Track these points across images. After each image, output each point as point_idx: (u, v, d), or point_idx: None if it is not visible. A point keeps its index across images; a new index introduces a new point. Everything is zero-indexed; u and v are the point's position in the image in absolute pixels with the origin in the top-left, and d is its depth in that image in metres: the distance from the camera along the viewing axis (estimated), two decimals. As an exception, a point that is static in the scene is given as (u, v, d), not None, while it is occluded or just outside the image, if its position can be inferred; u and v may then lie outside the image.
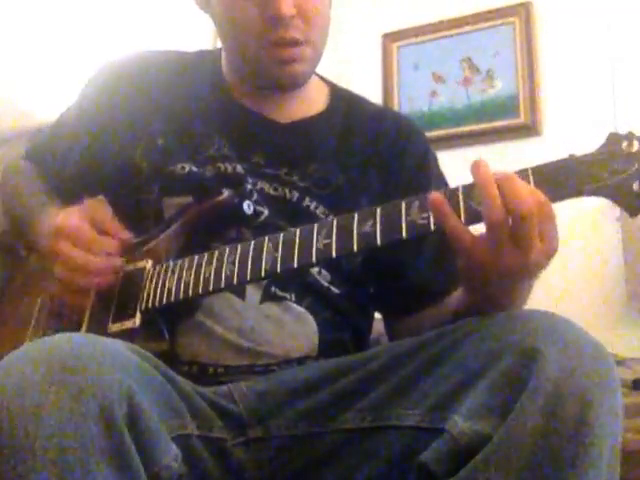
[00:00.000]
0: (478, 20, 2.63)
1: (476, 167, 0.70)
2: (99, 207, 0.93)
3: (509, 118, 2.52)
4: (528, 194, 0.67)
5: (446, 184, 1.02)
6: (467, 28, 2.65)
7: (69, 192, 1.08)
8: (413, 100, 2.70)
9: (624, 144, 0.67)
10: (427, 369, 0.74)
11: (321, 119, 1.02)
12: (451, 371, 0.71)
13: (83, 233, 0.88)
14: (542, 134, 2.45)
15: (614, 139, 0.68)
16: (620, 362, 1.72)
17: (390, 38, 2.78)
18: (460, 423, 0.67)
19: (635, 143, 0.66)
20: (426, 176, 1.02)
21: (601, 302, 2.27)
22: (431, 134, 2.49)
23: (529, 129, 2.46)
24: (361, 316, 0.99)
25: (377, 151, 1.01)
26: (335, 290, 0.94)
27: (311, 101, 1.03)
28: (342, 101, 1.06)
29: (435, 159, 1.07)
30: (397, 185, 0.97)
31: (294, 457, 0.80)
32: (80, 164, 1.04)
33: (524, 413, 0.63)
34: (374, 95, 2.72)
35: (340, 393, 0.79)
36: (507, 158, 2.34)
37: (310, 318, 0.91)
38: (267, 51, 0.91)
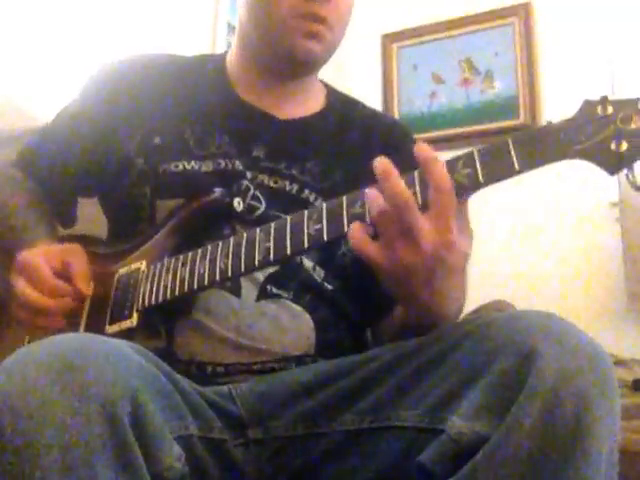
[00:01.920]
0: (477, 21, 2.64)
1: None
2: (72, 252, 0.93)
3: (508, 119, 2.53)
4: (404, 187, 0.70)
5: None
6: (466, 29, 2.66)
7: (63, 194, 1.08)
8: (413, 101, 2.70)
9: (599, 108, 0.69)
10: (426, 370, 0.74)
11: (318, 118, 1.05)
12: (450, 372, 0.71)
13: (39, 273, 0.88)
14: (542, 134, 2.45)
15: (589, 105, 0.70)
16: (620, 363, 1.72)
17: (390, 39, 2.78)
18: (459, 423, 0.67)
19: (609, 107, 0.68)
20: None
21: (601, 303, 2.28)
22: (430, 135, 2.50)
23: (529, 129, 2.47)
24: (357, 314, 1.00)
25: (371, 149, 1.02)
26: (329, 286, 0.95)
27: (309, 101, 1.06)
28: (338, 102, 1.09)
29: None
30: None
31: (294, 458, 0.80)
32: (78, 161, 1.04)
33: (522, 413, 0.62)
34: (374, 96, 2.73)
35: (340, 394, 0.79)
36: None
37: (307, 316, 0.92)
38: (295, 21, 0.94)
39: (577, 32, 2.45)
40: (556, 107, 2.45)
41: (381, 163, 0.72)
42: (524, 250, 2.41)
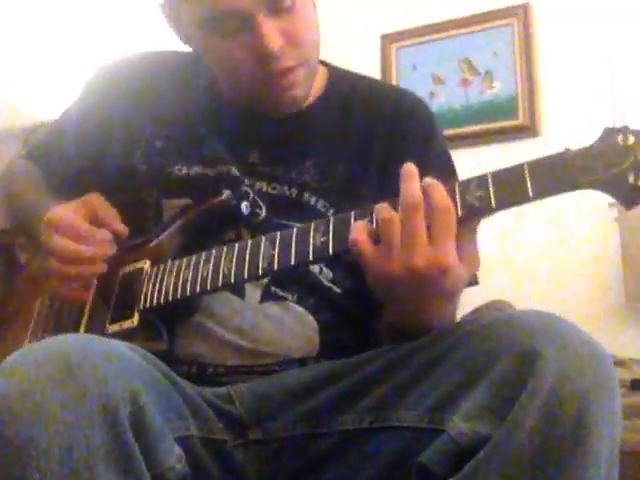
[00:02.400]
0: (477, 21, 2.64)
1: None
2: (95, 199, 0.93)
3: (508, 119, 2.53)
4: (418, 191, 0.70)
5: (449, 165, 1.01)
6: (466, 29, 2.66)
7: (70, 192, 1.08)
8: (412, 101, 2.69)
9: (619, 138, 0.67)
10: (427, 370, 0.74)
11: (318, 105, 1.00)
12: (451, 372, 0.71)
13: (73, 224, 0.88)
14: (541, 135, 2.45)
15: (609, 133, 0.68)
16: (618, 362, 1.72)
17: (389, 39, 2.78)
18: (459, 424, 0.67)
19: (630, 137, 0.66)
20: (427, 159, 0.95)
21: (599, 303, 2.28)
22: (430, 135, 2.50)
23: (528, 130, 2.47)
24: (363, 316, 0.99)
25: (377, 136, 0.99)
26: (337, 290, 0.94)
27: None
28: (341, 81, 1.04)
29: (438, 138, 1.03)
30: (397, 171, 0.95)
31: (293, 458, 0.80)
32: (80, 166, 1.04)
33: (523, 414, 0.63)
34: (373, 96, 2.73)
35: (340, 395, 0.79)
36: (506, 159, 2.34)
37: (310, 318, 0.91)
38: (263, 83, 0.90)
39: (576, 32, 2.45)
40: (555, 107, 2.45)
41: (409, 167, 0.73)
42: (523, 250, 2.41)
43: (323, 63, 1.05)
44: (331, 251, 0.77)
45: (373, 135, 0.99)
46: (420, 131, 1.01)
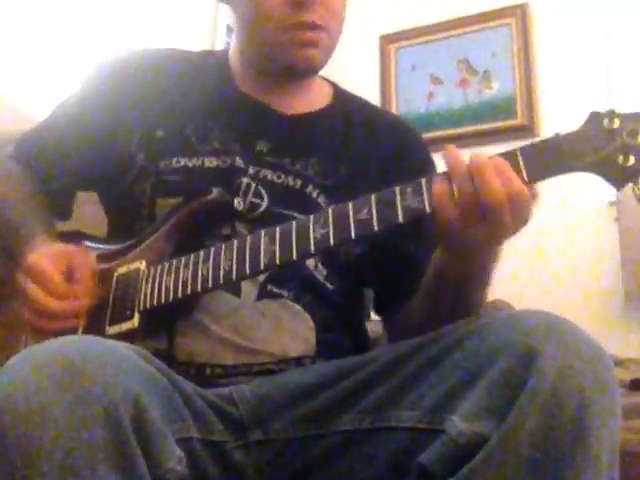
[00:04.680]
0: (475, 22, 2.65)
1: (448, 155, 0.74)
2: (78, 254, 0.93)
3: (506, 119, 2.54)
4: (499, 186, 0.71)
5: None
6: (464, 30, 2.66)
7: (61, 187, 1.07)
8: (410, 101, 2.71)
9: (605, 122, 0.70)
10: (426, 370, 0.74)
11: (324, 115, 1.03)
12: (450, 372, 0.72)
13: (48, 277, 0.87)
14: (539, 134, 2.46)
15: (596, 117, 0.71)
16: (618, 363, 1.73)
17: (388, 40, 2.79)
18: (459, 424, 0.67)
19: (616, 120, 0.70)
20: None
21: (598, 303, 2.28)
22: (428, 135, 2.51)
23: (526, 130, 2.48)
24: (356, 315, 1.00)
25: (376, 151, 1.03)
26: (330, 286, 0.95)
27: (314, 97, 1.04)
28: (344, 100, 1.08)
29: (432, 164, 1.07)
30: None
31: (294, 459, 0.80)
32: (79, 155, 1.03)
33: (522, 414, 0.63)
34: (372, 96, 2.72)
35: (340, 396, 0.80)
36: (504, 159, 2.35)
37: (307, 317, 0.91)
38: (287, 33, 0.93)
39: (574, 33, 2.46)
40: (553, 107, 2.46)
41: (475, 162, 0.73)
42: (522, 250, 2.41)
43: (328, 81, 1.09)
44: (332, 242, 0.77)
45: (371, 153, 1.02)
46: (416, 155, 1.06)
